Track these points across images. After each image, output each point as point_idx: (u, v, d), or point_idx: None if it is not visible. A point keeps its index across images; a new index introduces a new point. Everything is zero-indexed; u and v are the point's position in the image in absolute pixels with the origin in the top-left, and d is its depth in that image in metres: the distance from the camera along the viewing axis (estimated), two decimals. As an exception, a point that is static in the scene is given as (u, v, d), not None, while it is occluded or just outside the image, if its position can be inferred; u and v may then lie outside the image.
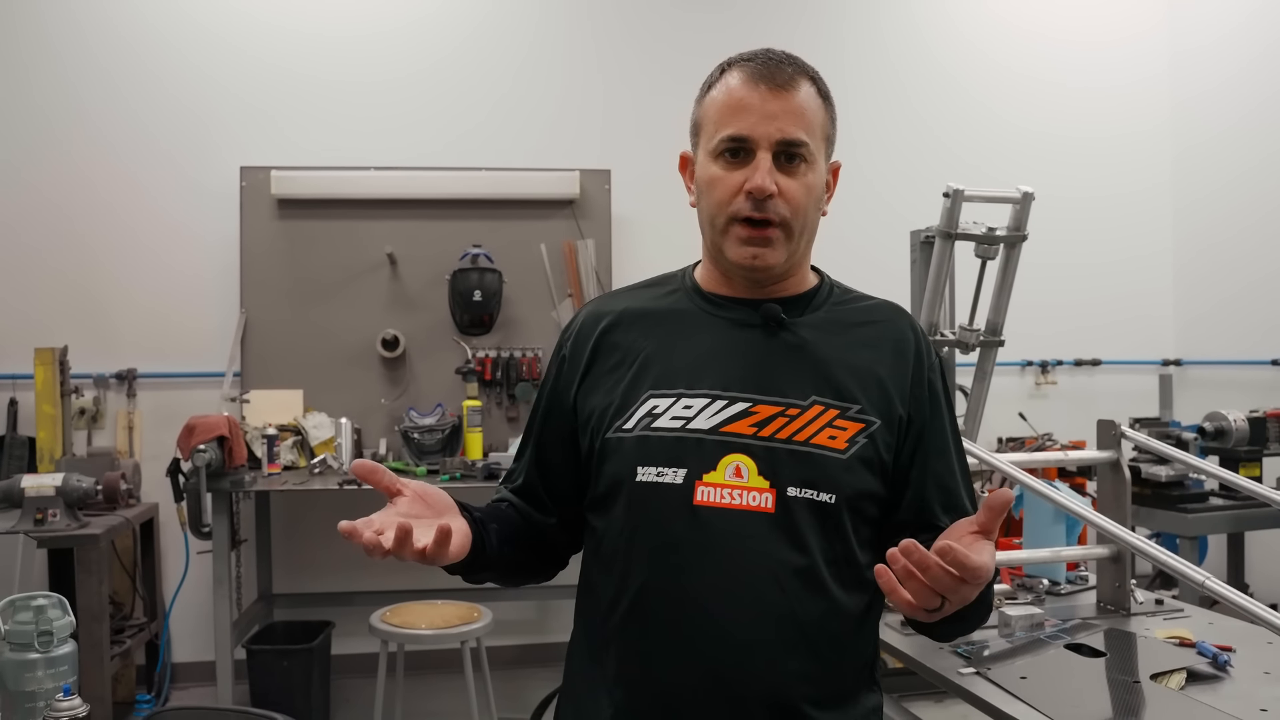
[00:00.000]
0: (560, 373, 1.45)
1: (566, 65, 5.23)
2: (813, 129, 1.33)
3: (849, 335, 1.39)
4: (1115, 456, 2.39)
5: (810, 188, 1.33)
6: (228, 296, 4.87)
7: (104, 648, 3.87)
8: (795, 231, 1.33)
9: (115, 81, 4.89)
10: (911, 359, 1.38)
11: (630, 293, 1.48)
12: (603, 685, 1.35)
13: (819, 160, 1.35)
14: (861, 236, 5.42)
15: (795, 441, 1.30)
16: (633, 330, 1.40)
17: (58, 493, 3.82)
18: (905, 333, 1.41)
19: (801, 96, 1.32)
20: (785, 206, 1.31)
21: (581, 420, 1.40)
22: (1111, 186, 5.76)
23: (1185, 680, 1.86)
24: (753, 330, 1.37)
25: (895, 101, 5.54)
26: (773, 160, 1.30)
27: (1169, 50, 5.84)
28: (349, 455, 4.59)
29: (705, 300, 1.41)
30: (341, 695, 4.63)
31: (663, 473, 1.30)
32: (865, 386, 1.34)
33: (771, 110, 1.30)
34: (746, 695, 1.28)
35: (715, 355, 1.35)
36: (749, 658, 1.28)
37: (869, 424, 1.32)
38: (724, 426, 1.30)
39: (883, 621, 2.28)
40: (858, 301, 1.46)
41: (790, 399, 1.32)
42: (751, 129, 1.30)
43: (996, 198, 2.80)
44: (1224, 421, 4.25)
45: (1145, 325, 5.82)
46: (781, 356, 1.35)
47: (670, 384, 1.34)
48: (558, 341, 1.48)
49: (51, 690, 1.65)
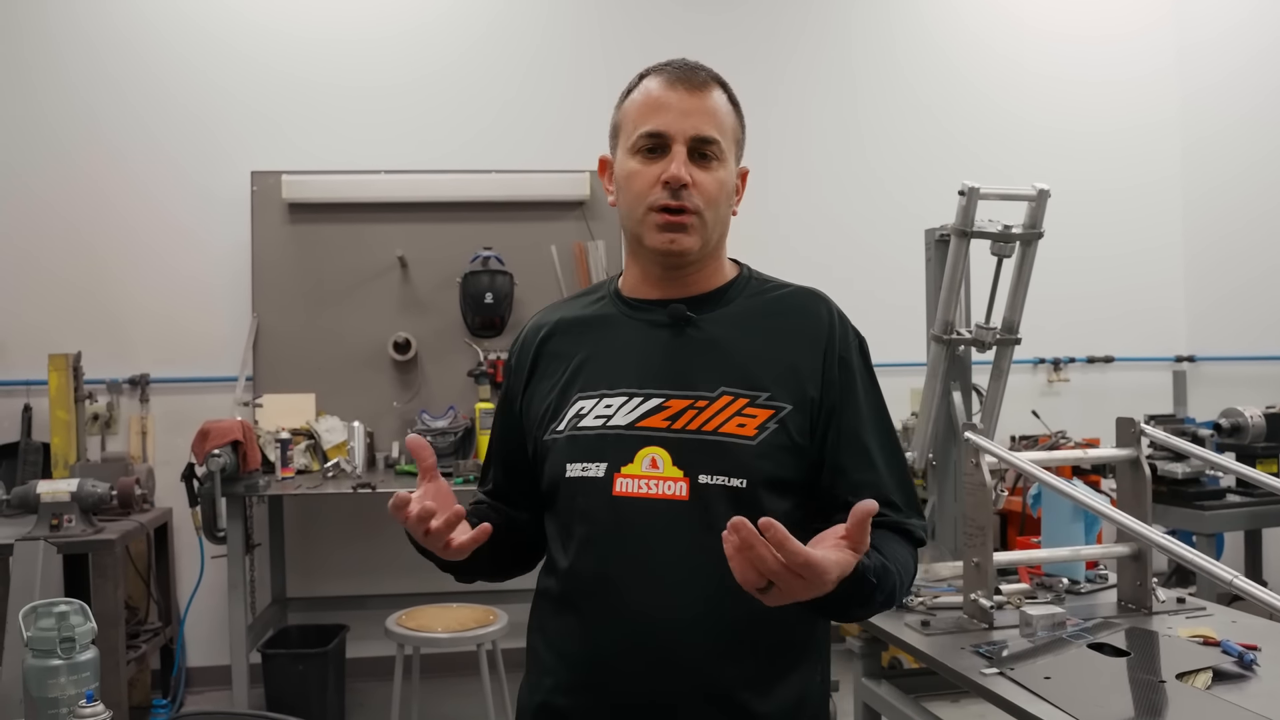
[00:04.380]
0: (510, 383, 1.57)
1: (574, 66, 5.24)
2: (724, 130, 1.43)
3: (762, 325, 1.46)
4: (1135, 454, 2.38)
5: (722, 182, 1.42)
6: (239, 301, 4.88)
7: (120, 653, 3.87)
8: (709, 221, 1.41)
9: (124, 90, 4.90)
10: (824, 342, 1.45)
11: (567, 303, 1.59)
12: (546, 662, 1.46)
13: (729, 160, 1.44)
14: (872, 233, 5.43)
15: (705, 431, 1.37)
16: (566, 339, 1.51)
17: (73, 498, 3.82)
18: (819, 317, 1.48)
19: (715, 99, 1.43)
20: (699, 197, 1.40)
21: (527, 424, 1.51)
22: (1121, 180, 5.75)
23: (1211, 680, 1.84)
24: (666, 329, 1.45)
25: (904, 98, 5.53)
26: (687, 155, 1.39)
27: (1177, 43, 5.82)
28: (362, 459, 4.60)
29: (625, 305, 1.51)
30: (356, 699, 4.63)
31: (587, 467, 1.40)
32: (776, 374, 1.41)
33: (687, 108, 1.40)
34: (674, 680, 1.35)
35: (633, 355, 1.45)
36: (672, 642, 1.35)
37: (779, 410, 1.39)
38: (640, 421, 1.39)
39: (903, 622, 2.29)
40: (775, 291, 1.52)
41: (700, 391, 1.39)
42: (668, 125, 1.40)
43: (1012, 195, 2.78)
44: (1240, 417, 4.23)
45: (1157, 318, 5.81)
46: (692, 351, 1.43)
47: (594, 386, 1.44)
48: (507, 358, 1.61)
49: (74, 696, 1.64)
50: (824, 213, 5.45)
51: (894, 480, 1.44)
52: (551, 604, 1.47)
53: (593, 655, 1.39)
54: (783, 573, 1.09)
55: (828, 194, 5.46)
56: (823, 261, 5.39)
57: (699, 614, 1.34)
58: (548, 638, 1.47)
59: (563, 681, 1.42)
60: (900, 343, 4.95)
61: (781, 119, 5.40)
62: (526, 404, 1.52)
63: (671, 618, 1.34)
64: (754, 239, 5.33)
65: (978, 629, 2.20)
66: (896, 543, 1.38)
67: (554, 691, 1.43)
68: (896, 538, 1.39)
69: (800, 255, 5.38)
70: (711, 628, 1.34)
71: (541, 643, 1.48)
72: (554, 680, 1.43)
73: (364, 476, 4.42)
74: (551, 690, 1.43)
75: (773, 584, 1.10)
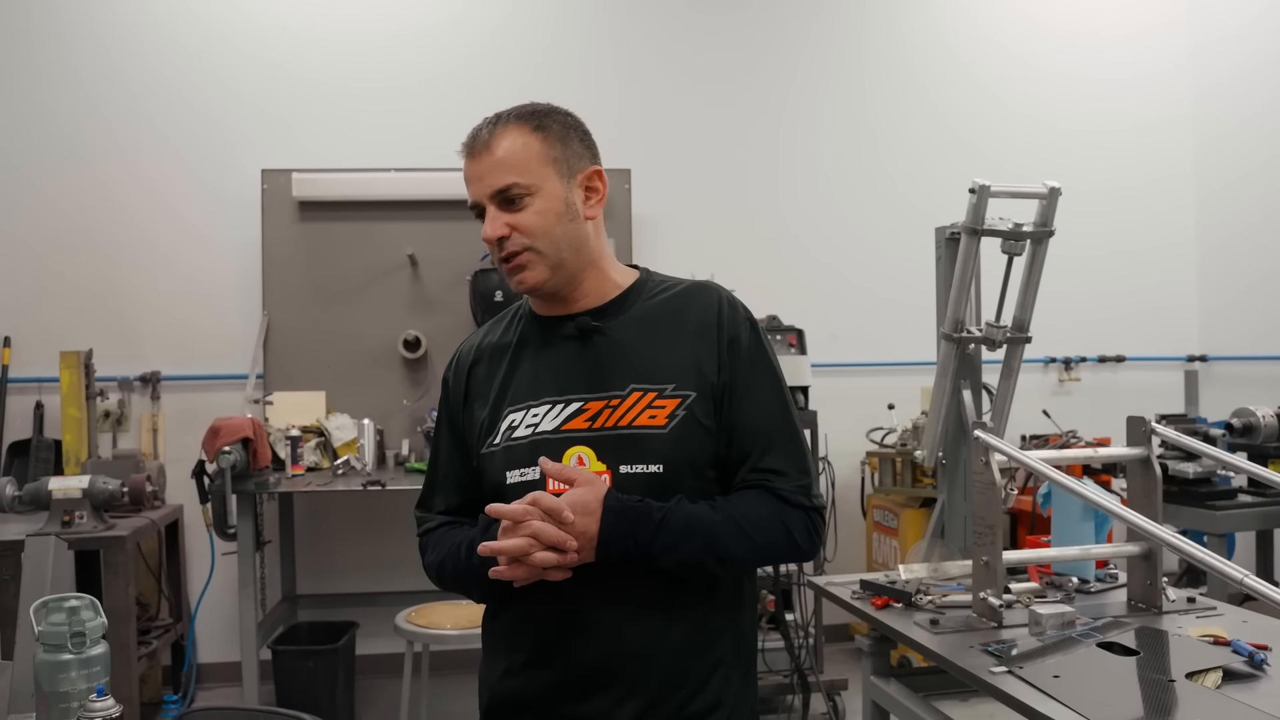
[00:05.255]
0: (449, 403, 1.72)
1: (583, 66, 5.24)
2: (520, 167, 1.54)
3: (661, 323, 1.59)
4: (1146, 453, 2.36)
5: (542, 213, 1.54)
6: (250, 299, 4.89)
7: (131, 648, 3.89)
8: (545, 250, 1.54)
9: (134, 90, 4.93)
10: (715, 327, 1.57)
11: (488, 329, 1.74)
12: (498, 646, 1.62)
13: (545, 185, 1.54)
14: (882, 232, 5.41)
15: (621, 426, 1.51)
16: (491, 362, 1.67)
17: (84, 495, 3.84)
18: (709, 306, 1.60)
19: (500, 148, 1.55)
20: (522, 237, 1.53)
21: (470, 439, 1.66)
22: (1133, 178, 5.74)
23: (1221, 679, 1.83)
24: (576, 340, 1.59)
25: (915, 97, 5.52)
26: (500, 207, 1.54)
27: (1190, 41, 5.80)
28: (372, 457, 4.61)
29: (536, 322, 1.66)
30: (366, 695, 4.64)
31: (525, 472, 1.54)
32: (677, 366, 1.54)
33: (480, 172, 1.55)
34: (597, 664, 1.50)
35: (550, 367, 1.60)
36: (598, 624, 1.50)
37: (685, 398, 1.52)
38: (564, 425, 1.54)
39: (912, 620, 2.28)
40: (670, 290, 1.64)
41: (613, 391, 1.54)
42: (475, 194, 1.57)
43: (1023, 193, 2.77)
44: (1252, 417, 4.20)
45: (1168, 316, 5.79)
46: (602, 356, 1.57)
47: (520, 399, 1.59)
48: (443, 377, 1.75)
49: (85, 691, 1.65)
50: (834, 211, 5.44)
51: (778, 441, 1.56)
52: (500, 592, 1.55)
53: (533, 639, 1.54)
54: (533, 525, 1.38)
55: (838, 192, 5.45)
56: (833, 260, 5.39)
57: (619, 597, 1.49)
58: (496, 619, 1.63)
59: (516, 664, 1.57)
60: (910, 341, 4.95)
61: (792, 117, 5.39)
62: (465, 423, 1.67)
63: (596, 604, 1.50)
64: (764, 238, 5.37)
65: (987, 628, 2.19)
66: (755, 500, 1.52)
67: (507, 675, 1.58)
68: (758, 495, 1.53)
69: (811, 254, 5.38)
70: (629, 609, 1.50)
71: (494, 622, 1.64)
72: (508, 663, 1.58)
73: (374, 474, 4.42)
74: (505, 674, 1.58)
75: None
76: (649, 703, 1.50)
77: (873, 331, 5.27)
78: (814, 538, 1.56)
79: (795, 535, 1.53)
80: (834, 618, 4.50)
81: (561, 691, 1.52)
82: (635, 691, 1.50)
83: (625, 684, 1.50)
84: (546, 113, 1.61)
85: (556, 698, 1.53)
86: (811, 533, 1.56)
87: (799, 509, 1.54)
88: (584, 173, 1.59)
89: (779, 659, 4.10)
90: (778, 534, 1.52)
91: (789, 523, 1.53)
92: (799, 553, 1.57)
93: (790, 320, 4.64)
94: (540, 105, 1.63)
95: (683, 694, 1.52)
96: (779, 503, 1.53)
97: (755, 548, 1.52)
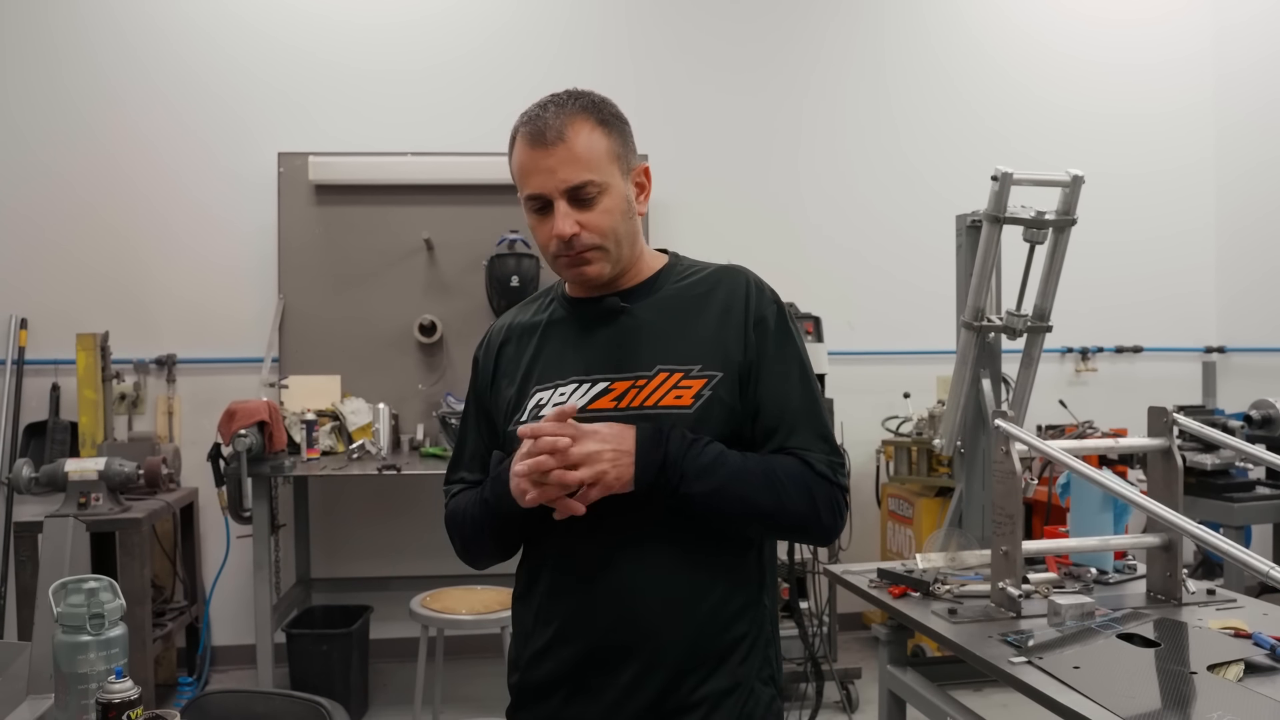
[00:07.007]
0: (477, 381, 1.74)
1: (600, 50, 5.21)
2: (593, 164, 1.51)
3: (688, 306, 1.59)
4: (1167, 444, 2.34)
5: (610, 211, 1.53)
6: (265, 282, 4.90)
7: (146, 630, 3.91)
8: (610, 248, 1.55)
9: (151, 72, 4.92)
10: (742, 309, 1.58)
11: (521, 308, 1.76)
12: (526, 624, 1.65)
13: (613, 181, 1.53)
14: (904, 219, 5.39)
15: (647, 407, 1.52)
16: (520, 342, 1.68)
17: (100, 477, 3.86)
18: (736, 288, 1.60)
19: (573, 142, 1.51)
20: (591, 235, 1.52)
21: (496, 417, 1.67)
22: (1154, 163, 5.69)
23: (1243, 672, 1.82)
24: (605, 321, 1.60)
25: (937, 83, 5.47)
26: (569, 203, 1.51)
27: (1213, 25, 5.74)
28: (387, 440, 4.61)
29: (568, 304, 1.67)
30: (380, 679, 4.66)
31: None
32: (704, 347, 1.55)
33: (551, 165, 1.50)
34: (621, 637, 1.51)
35: (578, 348, 1.61)
36: (619, 603, 1.51)
37: (711, 378, 1.53)
38: (591, 404, 1.54)
39: (930, 609, 2.27)
40: (698, 273, 1.65)
41: (639, 372, 1.55)
42: (541, 186, 1.51)
43: (1046, 181, 2.75)
44: (1271, 409, 4.18)
45: (1187, 303, 5.75)
46: (629, 337, 1.58)
47: (548, 378, 1.60)
48: (474, 355, 1.77)
49: (104, 672, 1.65)
50: (856, 198, 5.41)
51: (804, 419, 1.56)
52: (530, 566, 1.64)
53: (562, 616, 1.56)
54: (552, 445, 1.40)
55: (859, 179, 5.42)
56: (854, 247, 5.36)
57: (638, 574, 1.51)
58: (529, 599, 1.64)
59: (544, 640, 1.59)
60: (930, 329, 4.92)
61: (814, 104, 5.36)
62: (493, 400, 1.68)
63: (619, 583, 1.51)
64: (786, 225, 5.35)
65: (1005, 618, 2.18)
66: (786, 461, 1.52)
67: (536, 652, 1.60)
68: (789, 459, 1.53)
69: (833, 241, 5.35)
70: (650, 587, 1.51)
71: (526, 600, 1.65)
72: (537, 641, 1.60)
73: (389, 458, 4.43)
74: (535, 652, 1.61)
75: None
76: (673, 674, 1.51)
77: (893, 319, 5.25)
78: (837, 514, 1.55)
79: (819, 507, 1.52)
80: (848, 606, 4.49)
81: (587, 664, 1.54)
82: (655, 665, 1.51)
83: (646, 656, 1.51)
84: (604, 104, 1.58)
85: (583, 671, 1.54)
86: (835, 508, 1.54)
87: (826, 481, 1.53)
88: (637, 169, 1.60)
89: (793, 647, 4.09)
90: (804, 499, 1.51)
91: (815, 492, 1.52)
92: (820, 527, 1.55)
93: (809, 308, 4.61)
94: (594, 95, 1.60)
95: (705, 669, 1.52)
96: (808, 470, 1.52)
97: (780, 506, 1.50)
